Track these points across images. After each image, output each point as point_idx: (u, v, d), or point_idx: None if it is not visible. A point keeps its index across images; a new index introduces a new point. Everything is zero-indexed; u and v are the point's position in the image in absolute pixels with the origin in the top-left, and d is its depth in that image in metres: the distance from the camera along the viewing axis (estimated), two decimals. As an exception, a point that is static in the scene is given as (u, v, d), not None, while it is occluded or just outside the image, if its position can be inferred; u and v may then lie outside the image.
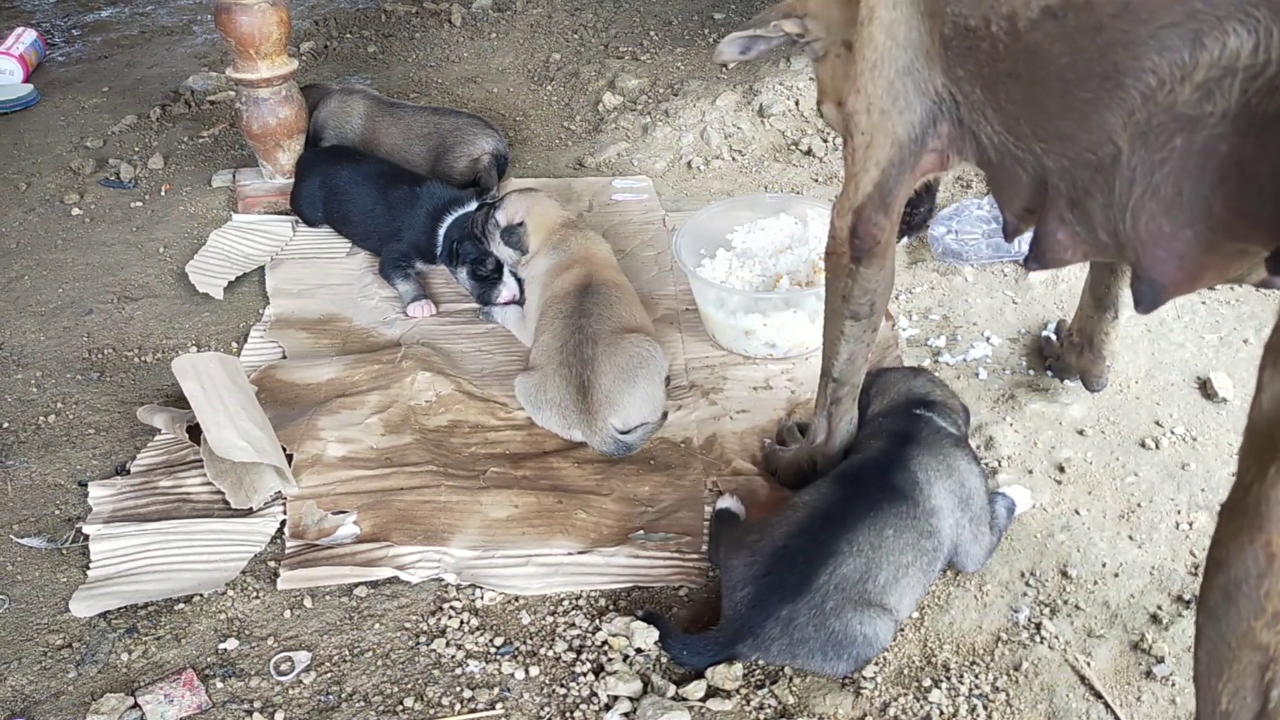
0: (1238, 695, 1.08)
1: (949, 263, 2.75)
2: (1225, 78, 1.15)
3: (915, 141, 1.63)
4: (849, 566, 1.66)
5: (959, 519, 1.80)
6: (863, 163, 1.70)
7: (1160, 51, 1.18)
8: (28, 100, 3.99)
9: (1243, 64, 1.13)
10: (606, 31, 4.37)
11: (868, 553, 1.68)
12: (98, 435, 2.33)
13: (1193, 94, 1.18)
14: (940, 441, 1.87)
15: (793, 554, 1.69)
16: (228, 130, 3.75)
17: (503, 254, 2.65)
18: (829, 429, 2.01)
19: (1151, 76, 1.20)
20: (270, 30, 2.96)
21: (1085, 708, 1.66)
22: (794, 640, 1.65)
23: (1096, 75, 1.26)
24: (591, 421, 2.19)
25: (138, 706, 1.69)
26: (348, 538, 2.01)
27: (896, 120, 1.62)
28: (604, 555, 1.96)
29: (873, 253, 1.77)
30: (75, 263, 3.01)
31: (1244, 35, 1.11)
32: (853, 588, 1.66)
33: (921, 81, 1.57)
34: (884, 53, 1.59)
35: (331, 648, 1.80)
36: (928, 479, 1.79)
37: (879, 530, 1.70)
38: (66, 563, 1.99)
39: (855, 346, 1.90)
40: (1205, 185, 1.22)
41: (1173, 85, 1.19)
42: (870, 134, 1.66)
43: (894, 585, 1.70)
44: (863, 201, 1.72)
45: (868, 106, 1.64)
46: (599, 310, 2.34)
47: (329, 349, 2.62)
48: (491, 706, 1.69)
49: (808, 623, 1.64)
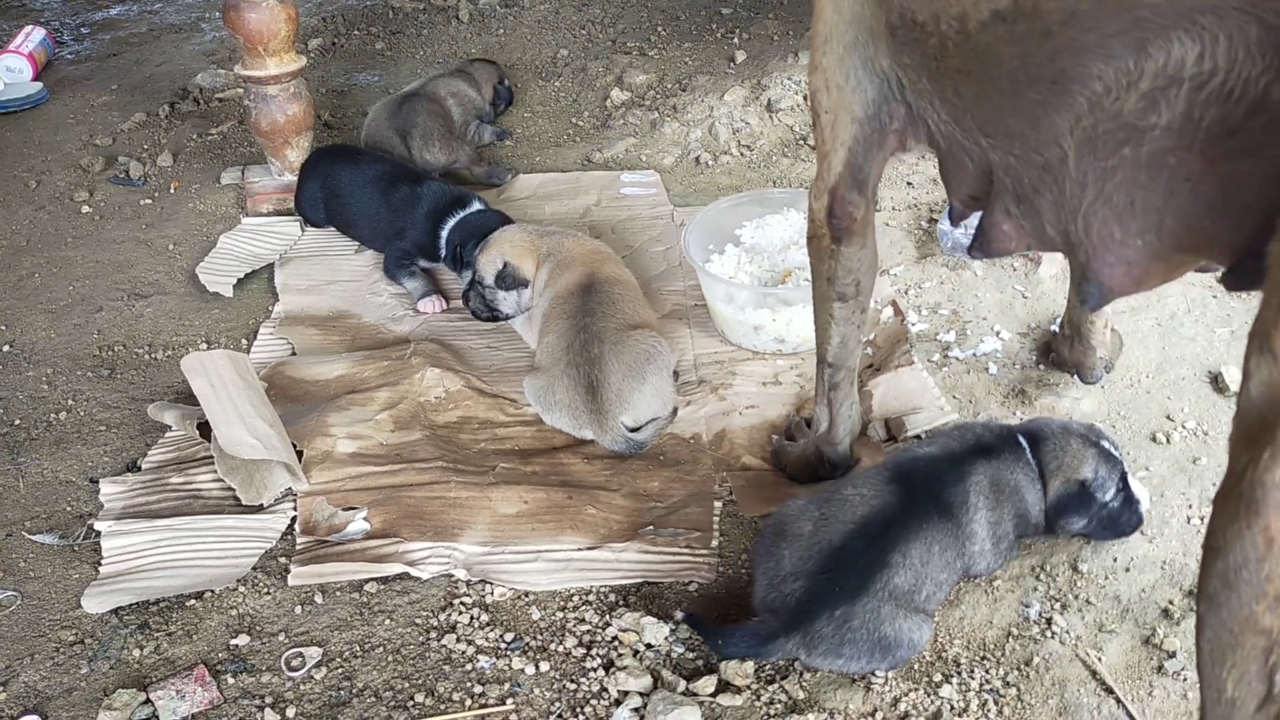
0: (1242, 681, 1.08)
1: (958, 257, 2.74)
2: (1170, 87, 1.14)
3: (874, 119, 1.62)
4: (901, 578, 1.67)
5: (985, 548, 1.79)
6: (830, 142, 1.69)
7: (1106, 59, 1.18)
8: (37, 98, 4.00)
9: (1188, 73, 1.12)
10: (614, 27, 4.36)
11: (918, 567, 1.69)
12: (109, 432, 2.34)
13: (1138, 103, 1.17)
14: (1011, 476, 1.81)
15: (853, 556, 1.68)
16: (236, 127, 3.75)
17: (510, 302, 2.55)
18: (831, 416, 2.01)
19: (1097, 83, 1.20)
20: (278, 27, 2.96)
21: (1096, 703, 1.65)
22: (844, 640, 1.65)
23: (1044, 79, 1.26)
24: (602, 421, 2.19)
25: (150, 702, 1.70)
26: (358, 534, 2.01)
27: (851, 97, 1.61)
28: (614, 551, 1.96)
29: (851, 231, 1.77)
30: (85, 260, 3.02)
31: (1189, 44, 1.11)
32: (904, 596, 1.67)
33: (868, 60, 1.56)
34: (831, 27, 1.59)
35: (342, 643, 1.81)
36: (976, 504, 1.77)
37: (927, 546, 1.71)
38: (78, 559, 2.00)
39: (846, 329, 1.90)
40: (1156, 197, 1.22)
41: (1118, 93, 1.19)
42: (833, 112, 1.66)
43: (934, 597, 1.72)
44: (835, 181, 1.72)
45: (825, 84, 1.64)
46: (603, 308, 2.34)
47: (338, 345, 2.62)
48: (502, 702, 1.69)
49: (861, 625, 1.64)
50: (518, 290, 2.52)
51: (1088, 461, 1.82)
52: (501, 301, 2.55)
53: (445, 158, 3.27)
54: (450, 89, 3.46)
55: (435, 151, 3.24)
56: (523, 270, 2.52)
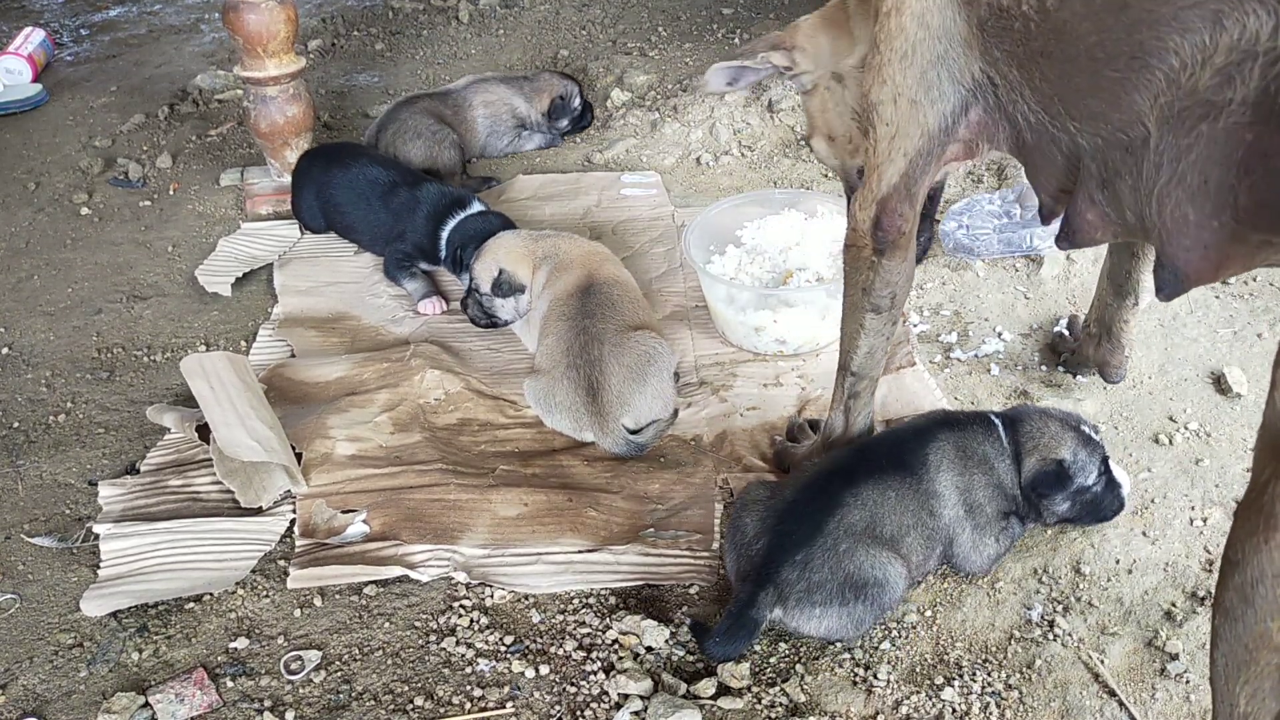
0: (1256, 696, 1.07)
1: (960, 258, 2.74)
2: (1245, 61, 1.13)
3: (945, 132, 1.62)
4: (855, 515, 1.75)
5: (959, 516, 1.82)
6: (887, 154, 1.68)
7: (1182, 32, 1.17)
8: (36, 100, 4.00)
9: (1262, 47, 1.11)
10: (614, 27, 4.36)
11: (871, 506, 1.76)
12: (107, 434, 2.33)
13: (1213, 78, 1.16)
14: (979, 447, 1.86)
15: (801, 505, 1.77)
16: (236, 129, 3.75)
17: (508, 308, 2.54)
18: (846, 423, 2.00)
19: (1174, 58, 1.20)
20: (278, 28, 2.96)
21: (1099, 705, 1.65)
22: (811, 585, 1.69)
23: (1123, 54, 1.26)
24: (603, 423, 2.18)
25: (149, 705, 1.69)
26: (357, 536, 2.01)
27: (928, 110, 1.60)
28: (614, 553, 1.96)
29: (896, 244, 1.76)
30: (84, 262, 3.01)
31: (1264, 17, 1.10)
32: (861, 532, 1.74)
33: (957, 70, 1.56)
34: (916, 42, 1.56)
35: (341, 646, 1.80)
36: (938, 463, 1.82)
37: (882, 490, 1.78)
38: (77, 562, 1.99)
39: (875, 340, 1.89)
40: (1231, 175, 1.19)
41: (1194, 68, 1.18)
42: (896, 125, 1.64)
43: (900, 538, 1.77)
44: (888, 193, 1.71)
45: (895, 97, 1.62)
46: (602, 310, 2.33)
47: (338, 347, 2.61)
48: (502, 705, 1.69)
49: (823, 563, 1.70)
50: (515, 296, 2.51)
51: (1066, 443, 1.86)
52: (499, 309, 2.54)
53: (421, 155, 3.20)
54: (485, 96, 3.45)
55: (409, 147, 3.20)
56: (519, 276, 2.51)
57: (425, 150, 3.21)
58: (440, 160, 3.23)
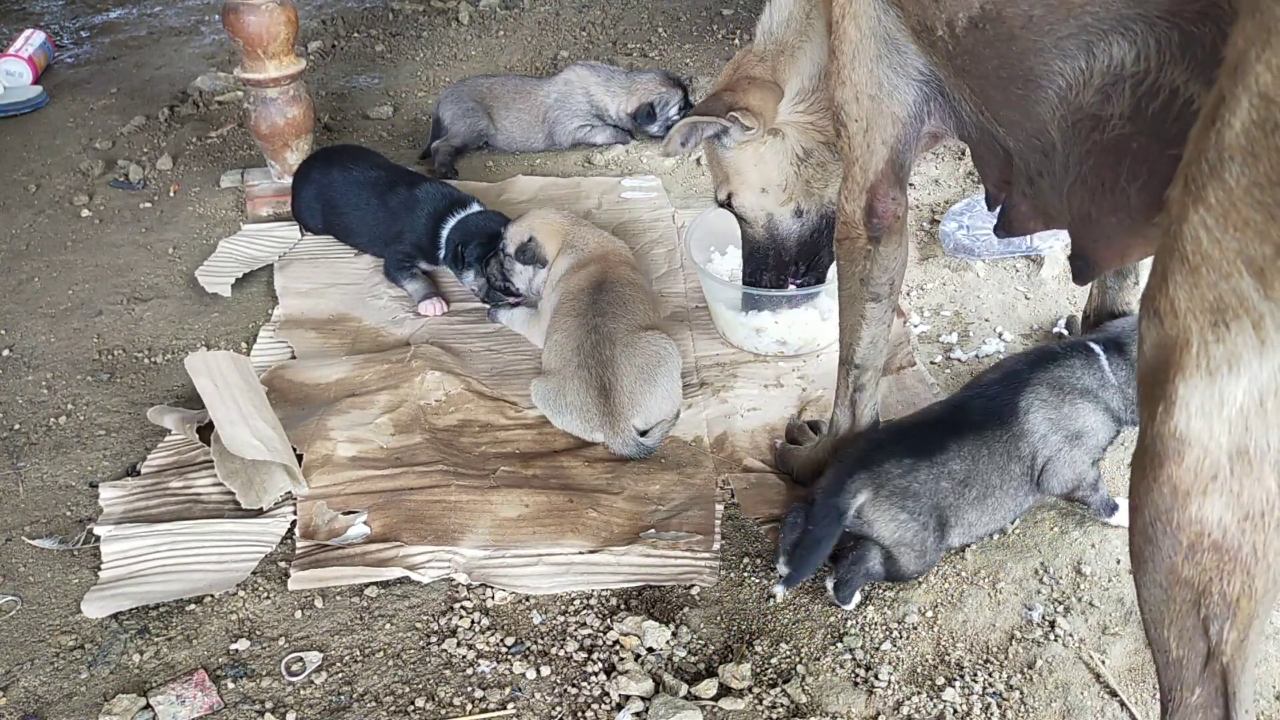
0: (1183, 638, 1.13)
1: (960, 258, 2.74)
2: (1118, 83, 1.29)
3: (916, 118, 1.71)
4: (957, 465, 1.81)
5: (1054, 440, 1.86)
6: (864, 146, 1.75)
7: (1063, 59, 1.33)
8: (37, 102, 4.00)
9: (1128, 71, 1.28)
10: (615, 28, 4.36)
11: (970, 463, 1.82)
12: (108, 436, 2.33)
13: (1095, 96, 1.33)
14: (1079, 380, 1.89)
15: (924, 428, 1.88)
16: (236, 130, 3.75)
17: (523, 278, 2.59)
18: (853, 418, 2.00)
19: (1061, 79, 1.35)
20: (278, 30, 2.96)
21: (1100, 705, 1.65)
22: (907, 494, 1.76)
23: (1020, 77, 1.40)
24: (615, 423, 2.18)
25: (150, 707, 1.69)
26: (358, 538, 2.01)
27: (888, 101, 1.70)
28: (615, 554, 1.96)
29: (891, 230, 1.81)
30: (85, 264, 3.01)
31: (1126, 47, 1.27)
32: (957, 484, 1.81)
33: (898, 66, 1.66)
34: (856, 44, 1.68)
35: (342, 648, 1.80)
36: (1028, 406, 1.86)
37: (980, 449, 1.84)
38: (78, 564, 1.99)
39: (877, 329, 1.91)
40: (1123, 177, 1.36)
41: (1079, 88, 1.34)
42: (865, 119, 1.73)
43: (985, 498, 1.83)
44: (875, 180, 1.77)
45: (856, 96, 1.72)
46: (614, 309, 2.33)
47: (338, 349, 2.61)
48: (503, 706, 1.69)
49: (926, 481, 1.78)
50: (534, 267, 2.55)
51: None
52: (517, 275, 2.58)
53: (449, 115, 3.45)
54: (567, 75, 3.52)
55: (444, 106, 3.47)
56: (545, 249, 2.55)
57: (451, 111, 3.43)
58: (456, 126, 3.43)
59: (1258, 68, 0.92)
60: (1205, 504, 1.06)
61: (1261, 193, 0.94)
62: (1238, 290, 0.98)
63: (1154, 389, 1.08)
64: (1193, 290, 1.02)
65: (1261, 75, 0.92)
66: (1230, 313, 0.99)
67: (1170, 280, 1.04)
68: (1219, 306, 1.00)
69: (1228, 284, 0.98)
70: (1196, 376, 1.03)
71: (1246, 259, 0.96)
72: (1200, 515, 1.07)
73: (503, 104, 3.50)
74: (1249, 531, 1.06)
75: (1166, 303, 1.04)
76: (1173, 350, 1.04)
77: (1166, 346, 1.05)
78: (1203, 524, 1.07)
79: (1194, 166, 1.01)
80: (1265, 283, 0.96)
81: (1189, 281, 1.02)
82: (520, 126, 3.51)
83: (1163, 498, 1.08)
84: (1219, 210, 0.98)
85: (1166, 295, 1.04)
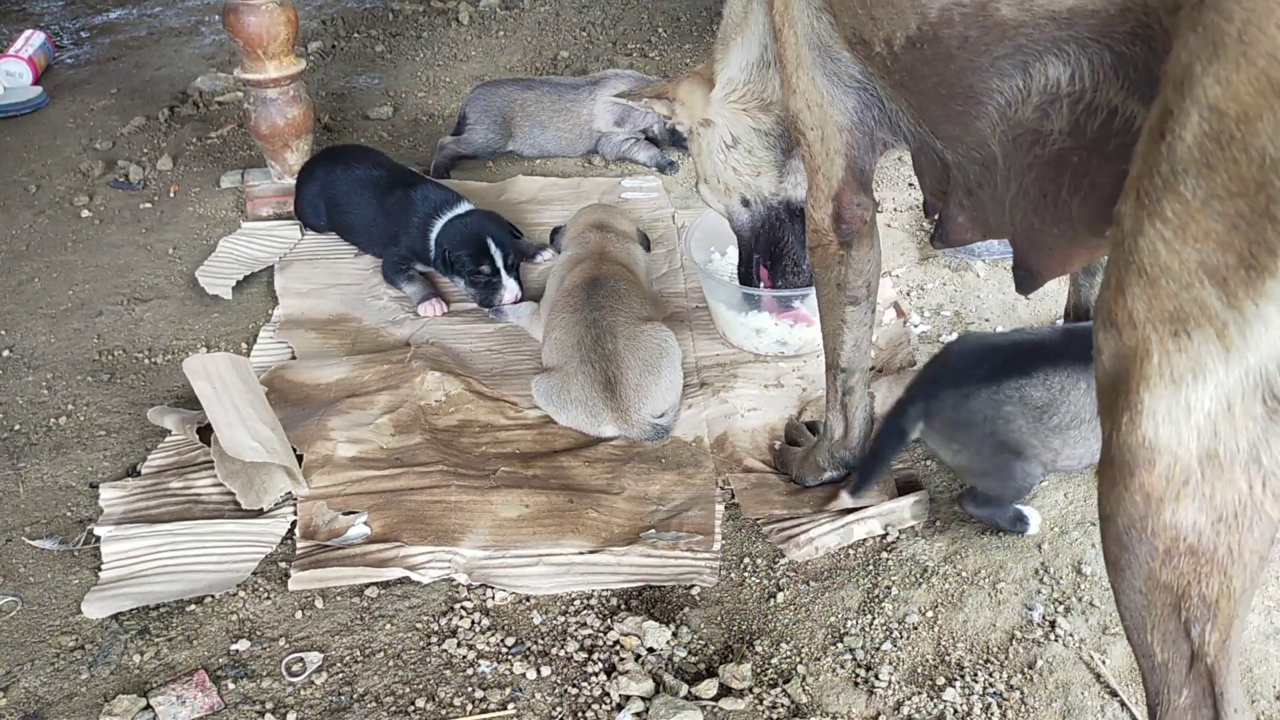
0: (1167, 641, 1.13)
1: (960, 258, 2.74)
2: (1055, 101, 1.31)
3: (860, 125, 1.72)
4: (1039, 392, 1.75)
5: None
6: (823, 154, 1.77)
7: (1000, 77, 1.34)
8: (37, 102, 4.00)
9: (1064, 90, 1.29)
10: (614, 29, 4.36)
11: (1056, 391, 1.75)
12: (108, 437, 2.33)
13: (1034, 113, 1.34)
14: None
15: (988, 353, 1.81)
16: (236, 131, 3.75)
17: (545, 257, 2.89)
18: (846, 422, 2.00)
19: (999, 96, 1.36)
20: (278, 30, 2.96)
21: (1100, 705, 1.65)
22: (960, 423, 1.74)
23: (960, 94, 1.42)
24: (624, 414, 2.20)
25: (150, 708, 1.69)
26: (358, 538, 2.01)
27: (831, 109, 1.71)
28: (615, 554, 1.96)
29: (861, 234, 1.83)
30: (85, 264, 3.01)
31: (1060, 66, 1.28)
32: (1034, 412, 1.74)
33: (834, 74, 1.67)
34: (796, 51, 1.69)
35: (343, 648, 1.80)
36: None
37: (1075, 381, 1.75)
38: (78, 564, 1.99)
39: (859, 332, 1.93)
40: (1064, 190, 1.38)
41: (1017, 105, 1.35)
42: (820, 127, 1.75)
43: (1065, 430, 1.76)
44: (839, 188, 1.78)
45: (807, 104, 1.74)
46: (610, 302, 2.35)
47: (338, 349, 2.61)
48: (503, 707, 1.69)
49: (980, 411, 1.73)
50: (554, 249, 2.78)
51: None
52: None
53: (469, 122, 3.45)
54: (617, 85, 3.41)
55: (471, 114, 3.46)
56: (564, 238, 2.72)
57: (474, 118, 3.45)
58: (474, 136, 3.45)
59: (1205, 81, 0.93)
60: (1179, 509, 1.06)
61: (1221, 204, 0.94)
62: (1199, 300, 0.98)
63: (1116, 399, 1.08)
64: (1151, 301, 1.02)
65: (1211, 88, 0.92)
66: (1192, 322, 0.99)
67: (1127, 292, 1.04)
68: (1179, 316, 1.00)
69: (1188, 294, 0.99)
70: (1161, 385, 1.03)
71: (1209, 269, 0.96)
72: (1175, 520, 1.06)
73: (538, 122, 3.42)
74: (1224, 533, 1.06)
75: (1124, 314, 1.05)
76: (1132, 360, 1.05)
77: (1125, 357, 1.06)
78: (1178, 529, 1.07)
79: (1146, 181, 1.01)
80: (1228, 291, 0.96)
81: (1147, 293, 1.02)
82: (559, 142, 3.46)
83: (1135, 506, 1.08)
84: (1176, 223, 0.98)
85: (1124, 307, 1.05)
